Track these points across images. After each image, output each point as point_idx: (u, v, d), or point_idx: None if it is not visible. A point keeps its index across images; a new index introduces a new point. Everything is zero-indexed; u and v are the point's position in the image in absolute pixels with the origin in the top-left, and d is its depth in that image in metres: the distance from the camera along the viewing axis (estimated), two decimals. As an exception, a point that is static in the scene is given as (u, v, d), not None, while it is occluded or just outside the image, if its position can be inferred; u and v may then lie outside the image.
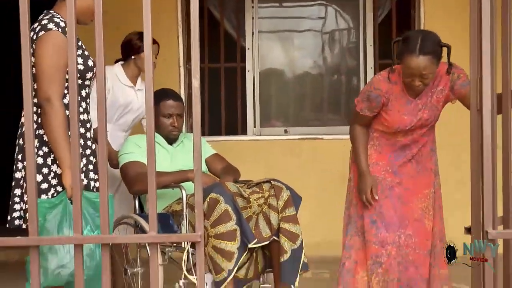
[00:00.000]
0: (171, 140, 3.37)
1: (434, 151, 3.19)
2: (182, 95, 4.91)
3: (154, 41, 3.62)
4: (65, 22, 2.59)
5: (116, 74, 3.61)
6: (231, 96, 5.30)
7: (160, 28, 4.84)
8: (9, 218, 2.57)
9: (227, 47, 5.20)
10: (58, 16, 2.62)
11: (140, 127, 3.92)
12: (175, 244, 2.94)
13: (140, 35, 3.47)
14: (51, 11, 2.63)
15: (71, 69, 1.75)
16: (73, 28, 1.79)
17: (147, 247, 2.94)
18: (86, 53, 2.68)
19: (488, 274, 1.97)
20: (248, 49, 5.23)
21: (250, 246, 2.83)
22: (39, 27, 2.56)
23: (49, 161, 2.58)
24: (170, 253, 2.97)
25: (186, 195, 2.91)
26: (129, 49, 3.65)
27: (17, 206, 2.59)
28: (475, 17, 2.08)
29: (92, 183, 2.66)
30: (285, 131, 5.26)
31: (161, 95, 3.31)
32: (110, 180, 3.29)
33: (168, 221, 2.97)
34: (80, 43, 2.66)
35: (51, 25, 2.55)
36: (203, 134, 3.81)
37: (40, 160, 2.56)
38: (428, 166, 3.15)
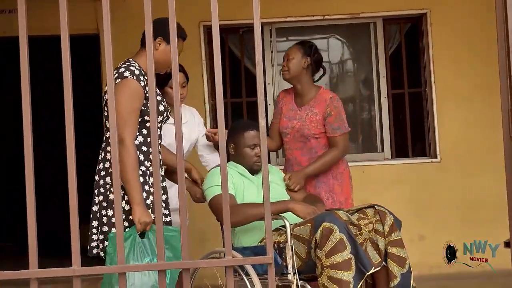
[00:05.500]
0: (253, 171, 3.29)
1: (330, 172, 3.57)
2: (209, 130, 5.13)
3: (182, 69, 3.49)
4: (139, 70, 2.83)
5: None
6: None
7: (185, 66, 5.06)
8: (88, 247, 2.82)
9: (248, 82, 5.39)
10: (135, 64, 2.85)
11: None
12: (277, 277, 2.86)
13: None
14: (130, 59, 2.87)
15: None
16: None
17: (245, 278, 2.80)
18: (158, 97, 2.89)
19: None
20: (269, 84, 5.44)
21: (368, 273, 2.80)
22: (116, 74, 2.80)
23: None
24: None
25: (290, 225, 2.88)
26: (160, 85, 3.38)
27: (94, 237, 2.83)
28: (503, 54, 2.34)
29: (162, 218, 2.81)
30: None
31: (243, 126, 3.30)
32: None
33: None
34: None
35: (127, 73, 2.79)
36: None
37: (112, 196, 2.73)
38: (325, 181, 3.56)
